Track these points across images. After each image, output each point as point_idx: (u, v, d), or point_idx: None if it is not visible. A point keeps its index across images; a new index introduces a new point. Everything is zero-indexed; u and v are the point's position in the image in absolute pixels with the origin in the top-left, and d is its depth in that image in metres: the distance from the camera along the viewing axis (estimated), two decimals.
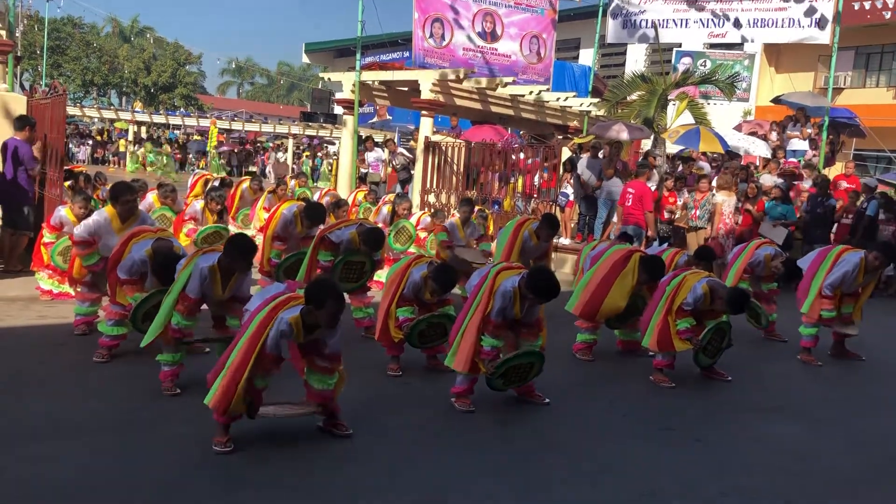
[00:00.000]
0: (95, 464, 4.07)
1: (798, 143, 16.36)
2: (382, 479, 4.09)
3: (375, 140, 19.55)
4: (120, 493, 3.77)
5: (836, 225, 12.76)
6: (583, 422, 5.28)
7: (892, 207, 12.68)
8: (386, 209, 10.09)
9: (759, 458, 4.77)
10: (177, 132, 39.82)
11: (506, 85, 15.62)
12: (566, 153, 13.94)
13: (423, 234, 10.61)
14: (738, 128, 18.05)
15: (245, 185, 11.80)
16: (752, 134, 16.74)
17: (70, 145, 32.00)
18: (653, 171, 13.85)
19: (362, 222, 7.24)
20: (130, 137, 34.10)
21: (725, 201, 11.76)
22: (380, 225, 9.45)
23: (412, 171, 16.00)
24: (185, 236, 8.64)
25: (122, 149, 33.99)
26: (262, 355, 4.16)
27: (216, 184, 11.31)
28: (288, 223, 7.72)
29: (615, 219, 12.43)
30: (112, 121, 36.57)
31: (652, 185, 13.49)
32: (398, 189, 15.38)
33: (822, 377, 6.95)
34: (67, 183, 9.58)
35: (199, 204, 9.18)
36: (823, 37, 17.02)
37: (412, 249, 9.50)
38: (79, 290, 6.60)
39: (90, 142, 35.17)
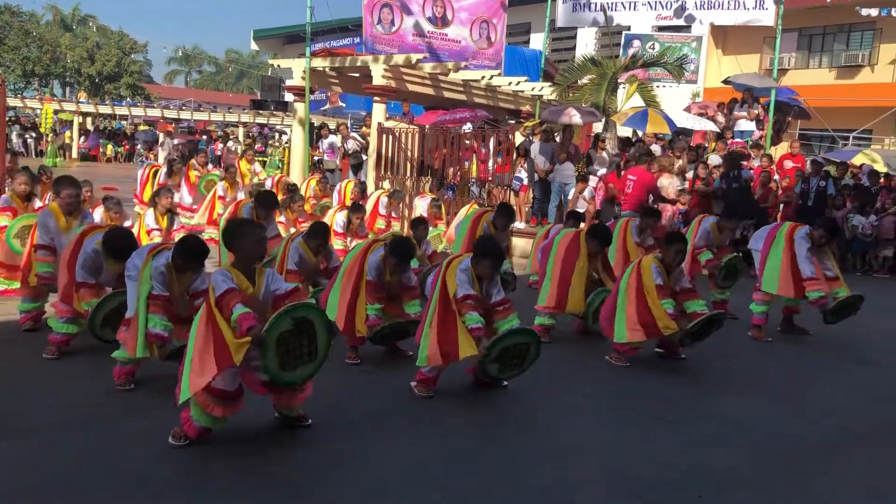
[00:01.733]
0: (53, 461, 3.99)
1: (745, 124, 16.65)
2: (343, 468, 4.08)
3: (330, 127, 19.37)
4: (80, 489, 3.70)
5: (781, 205, 13.07)
6: (545, 403, 5.33)
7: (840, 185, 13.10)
8: (342, 217, 9.68)
9: (715, 434, 4.87)
10: (123, 122, 38.97)
11: (458, 70, 15.60)
12: (519, 138, 14.00)
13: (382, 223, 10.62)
14: (688, 109, 18.29)
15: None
16: (701, 115, 16.99)
17: (13, 137, 31.10)
18: (603, 155, 14.00)
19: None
20: (76, 128, 33.26)
21: (669, 183, 11.92)
22: (339, 231, 9.34)
23: (364, 157, 15.92)
24: None
25: (66, 140, 33.13)
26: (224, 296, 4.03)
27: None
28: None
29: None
30: (55, 112, 35.62)
31: (602, 169, 13.64)
32: (351, 176, 15.26)
33: (772, 352, 7.12)
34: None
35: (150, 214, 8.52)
36: (768, 18, 17.29)
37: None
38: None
39: (34, 133, 34.20)
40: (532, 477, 4.08)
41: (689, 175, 13.04)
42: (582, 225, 8.71)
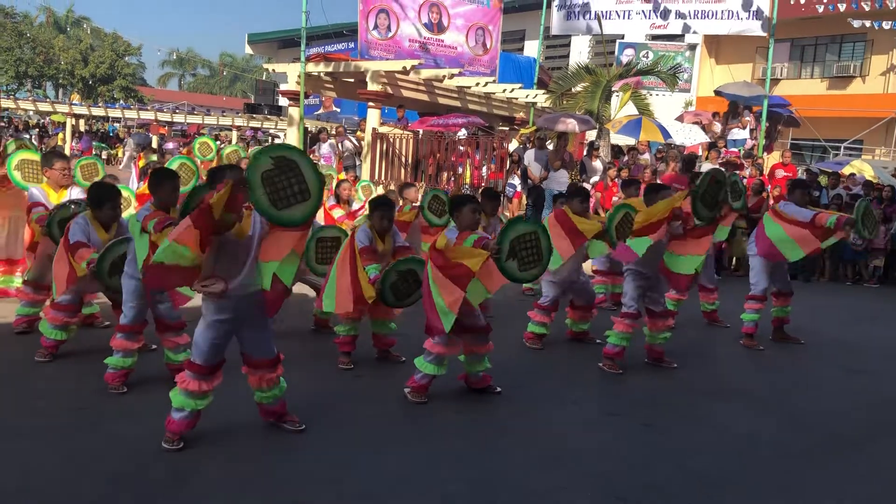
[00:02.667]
0: (42, 463, 3.98)
1: (738, 133, 16.77)
2: (335, 471, 4.09)
3: (329, 131, 19.36)
4: (69, 490, 3.70)
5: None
6: (535, 409, 5.35)
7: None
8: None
9: (704, 440, 4.90)
10: (116, 125, 38.87)
11: (452, 76, 15.66)
12: (514, 144, 14.06)
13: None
14: (680, 118, 18.41)
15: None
16: (695, 124, 17.09)
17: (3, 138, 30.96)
18: (596, 163, 14.06)
19: None
20: (69, 130, 33.17)
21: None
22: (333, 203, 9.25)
23: (357, 161, 15.96)
24: None
25: (59, 142, 33.03)
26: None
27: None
28: None
29: None
30: (48, 114, 35.52)
31: (595, 177, 13.70)
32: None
33: (764, 360, 7.16)
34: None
35: None
36: (760, 29, 17.43)
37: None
38: (22, 289, 6.47)
39: (26, 135, 34.09)
40: (521, 482, 4.10)
41: None
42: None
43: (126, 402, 4.95)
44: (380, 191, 13.35)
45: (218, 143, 14.56)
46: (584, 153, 14.82)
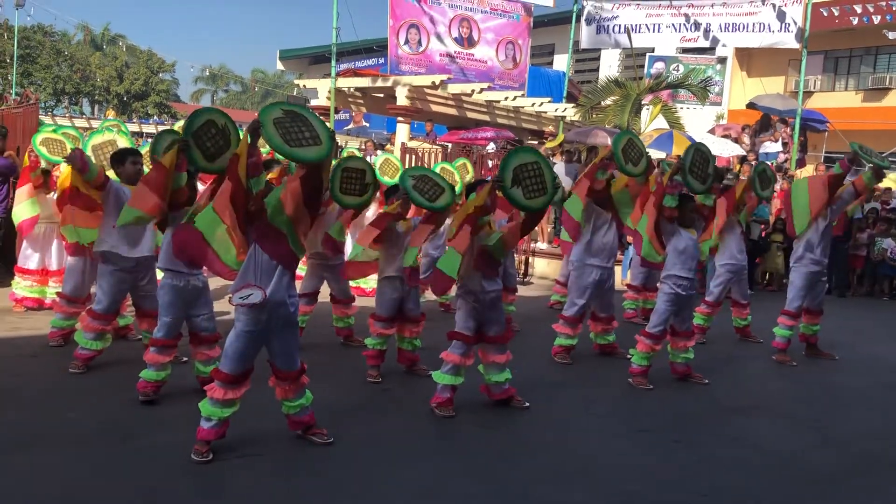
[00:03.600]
0: (74, 475, 4.03)
1: (770, 146, 16.58)
2: (363, 484, 4.09)
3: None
4: (99, 501, 3.73)
5: None
6: (562, 424, 5.31)
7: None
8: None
9: (735, 458, 4.82)
10: (149, 140, 39.40)
11: (482, 90, 15.70)
12: None
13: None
14: (712, 132, 18.26)
15: None
16: (725, 137, 16.94)
17: None
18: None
19: None
20: None
21: None
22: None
23: None
24: None
25: None
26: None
27: None
28: None
29: None
30: (84, 129, 36.17)
31: None
32: None
33: (796, 376, 7.04)
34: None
35: None
36: (793, 41, 17.26)
37: None
38: (57, 301, 6.57)
39: None
40: (546, 497, 4.06)
41: None
42: None
43: (157, 413, 4.99)
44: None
45: None
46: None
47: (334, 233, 6.28)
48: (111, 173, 5.89)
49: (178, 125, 12.26)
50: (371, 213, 9.17)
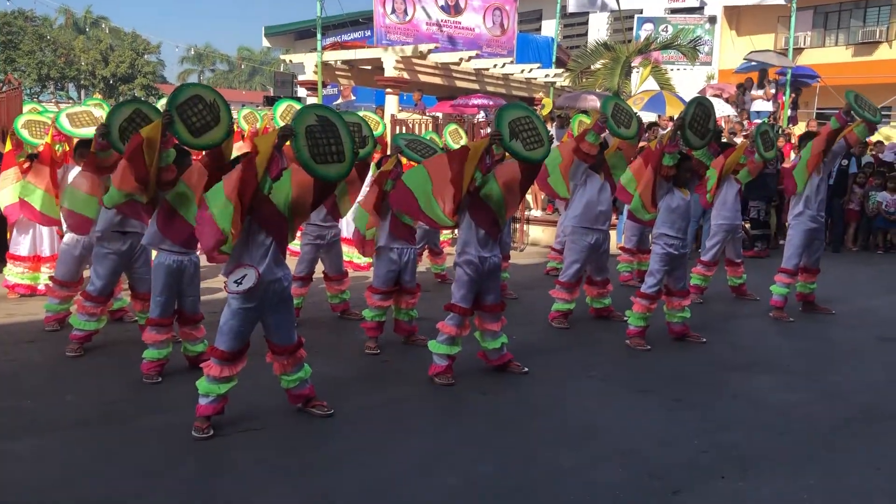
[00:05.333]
0: (75, 457, 4.03)
1: (761, 104, 16.51)
2: (365, 454, 4.10)
3: None
4: (102, 484, 3.73)
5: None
6: (561, 387, 5.33)
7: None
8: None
9: (736, 415, 4.84)
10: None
11: (470, 59, 15.57)
12: None
13: None
14: (703, 92, 18.15)
15: None
16: (717, 97, 16.85)
17: None
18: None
19: None
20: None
21: None
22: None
23: None
24: None
25: None
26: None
27: None
28: None
29: None
30: None
31: None
32: None
33: (793, 332, 7.06)
34: None
35: None
36: None
37: None
38: (50, 286, 6.54)
39: None
40: (551, 460, 4.08)
41: None
42: None
43: (156, 394, 4.99)
44: None
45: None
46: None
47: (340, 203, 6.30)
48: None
49: (161, 103, 12.21)
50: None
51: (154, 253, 5.26)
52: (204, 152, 4.94)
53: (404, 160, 6.06)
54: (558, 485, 3.80)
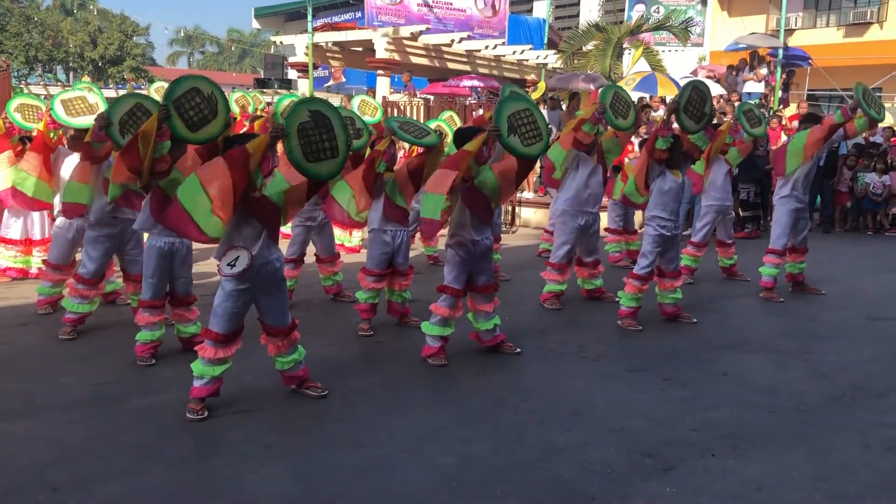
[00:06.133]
0: (69, 437, 4.05)
1: (753, 86, 16.51)
2: (359, 435, 4.13)
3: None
4: (96, 462, 3.76)
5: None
6: (554, 368, 5.36)
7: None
8: None
9: (726, 393, 4.89)
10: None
11: (461, 40, 15.51)
12: None
13: None
14: (694, 73, 18.14)
15: None
16: (709, 78, 16.85)
17: None
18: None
19: None
20: None
21: None
22: None
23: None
24: None
25: None
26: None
27: None
28: None
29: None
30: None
31: None
32: None
33: (783, 312, 7.12)
34: None
35: None
36: None
37: None
38: (43, 269, 6.53)
39: None
40: (544, 439, 4.12)
41: None
42: None
43: (149, 376, 5.01)
44: None
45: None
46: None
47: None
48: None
49: (155, 87, 12.14)
50: None
51: (146, 235, 5.26)
52: None
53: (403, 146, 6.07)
54: (551, 463, 3.83)
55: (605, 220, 8.11)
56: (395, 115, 14.33)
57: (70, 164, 6.20)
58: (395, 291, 6.21)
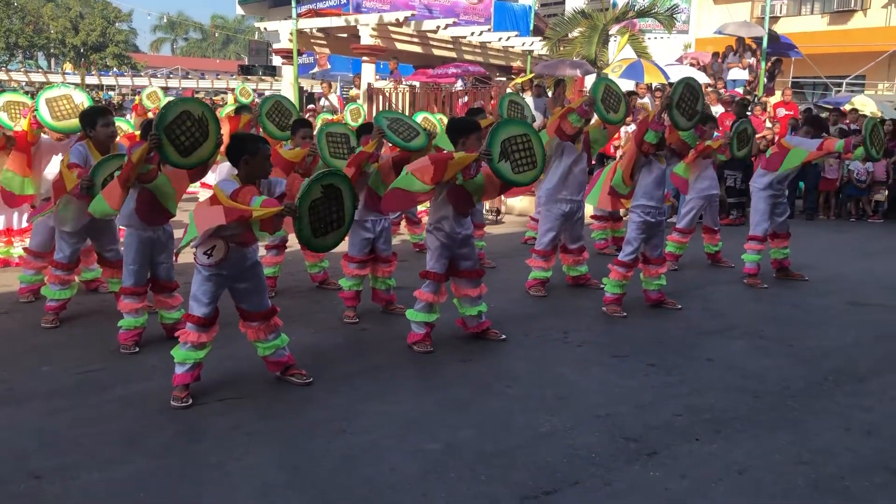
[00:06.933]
0: (52, 426, 4.02)
1: (737, 73, 16.56)
2: (344, 421, 4.13)
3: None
4: (79, 451, 3.73)
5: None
6: (540, 354, 5.38)
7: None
8: None
9: (710, 378, 4.92)
10: (111, 93, 38.58)
11: (447, 27, 15.45)
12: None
13: None
14: (680, 60, 18.16)
15: None
16: (693, 66, 16.87)
17: None
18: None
19: None
20: None
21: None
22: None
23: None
24: None
25: None
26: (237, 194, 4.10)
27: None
28: None
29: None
30: (41, 84, 35.23)
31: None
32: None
33: (767, 298, 7.17)
34: None
35: None
36: None
37: None
38: (24, 257, 6.48)
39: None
40: (528, 425, 4.13)
41: None
42: None
43: (132, 364, 4.98)
44: None
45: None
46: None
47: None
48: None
49: (147, 92, 12.18)
50: None
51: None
52: None
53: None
54: (536, 449, 3.85)
55: (590, 207, 8.11)
56: (382, 103, 14.29)
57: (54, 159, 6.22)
58: (379, 278, 6.20)
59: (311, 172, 5.73)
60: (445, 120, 9.07)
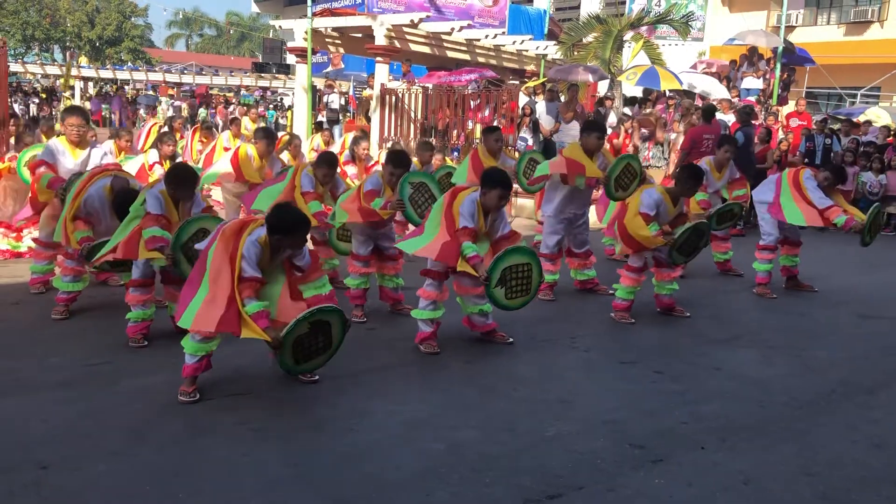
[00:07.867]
0: (60, 417, 4.05)
1: (751, 82, 16.50)
2: (349, 420, 4.14)
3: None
4: (86, 442, 3.76)
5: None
6: (546, 358, 5.37)
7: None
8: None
9: (717, 387, 4.90)
10: (125, 87, 38.72)
11: (461, 29, 15.45)
12: (523, 98, 13.92)
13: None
14: (694, 67, 18.11)
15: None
16: (707, 73, 16.82)
17: (14, 104, 30.96)
18: (609, 112, 13.91)
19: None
20: (77, 93, 33.10)
21: (678, 136, 11.93)
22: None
23: (340, 118, 16.24)
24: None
25: (68, 104, 32.93)
26: (243, 281, 4.14)
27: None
28: (250, 159, 7.74)
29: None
30: (57, 77, 35.40)
31: (609, 130, 13.55)
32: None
33: (775, 308, 7.14)
34: None
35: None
36: None
37: None
38: (33, 248, 6.51)
39: (35, 100, 34.01)
40: (533, 428, 4.13)
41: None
42: None
43: (141, 357, 5.00)
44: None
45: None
46: (595, 105, 14.62)
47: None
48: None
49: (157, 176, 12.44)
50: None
51: None
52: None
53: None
54: (540, 452, 3.85)
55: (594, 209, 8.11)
56: (394, 102, 14.30)
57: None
58: (387, 276, 6.22)
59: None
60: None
